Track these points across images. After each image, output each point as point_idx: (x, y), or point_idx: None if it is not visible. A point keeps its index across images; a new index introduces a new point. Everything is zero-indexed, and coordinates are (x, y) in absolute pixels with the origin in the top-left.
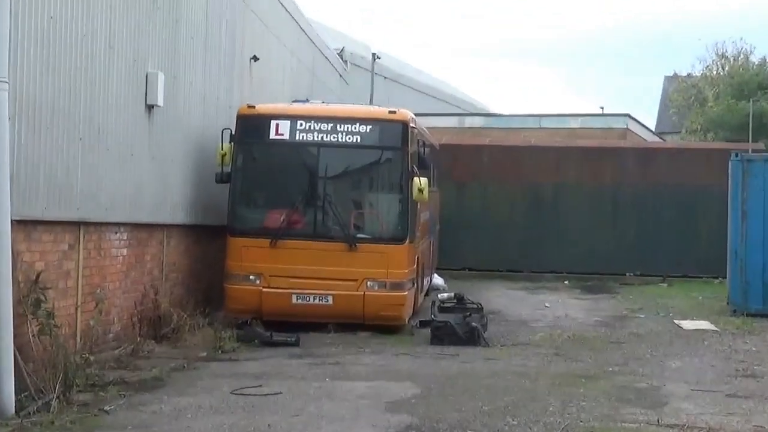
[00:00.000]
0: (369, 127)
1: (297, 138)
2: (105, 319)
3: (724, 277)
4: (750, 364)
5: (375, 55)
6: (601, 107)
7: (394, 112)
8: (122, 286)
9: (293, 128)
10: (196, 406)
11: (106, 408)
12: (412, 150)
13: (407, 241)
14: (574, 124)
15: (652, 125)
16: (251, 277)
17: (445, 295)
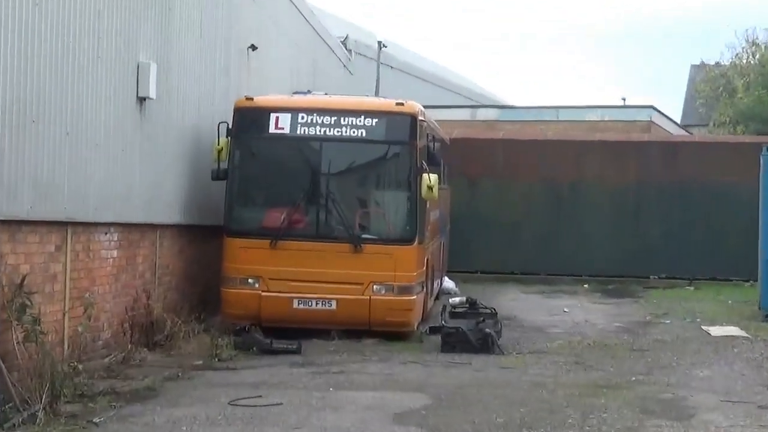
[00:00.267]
0: (375, 120)
1: (298, 132)
2: (94, 326)
3: (756, 279)
4: None
5: (381, 44)
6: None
7: (401, 104)
8: (112, 290)
9: (294, 122)
10: (192, 417)
11: (96, 420)
12: (420, 144)
13: (416, 242)
14: (594, 116)
15: (678, 117)
16: (250, 280)
17: (456, 300)
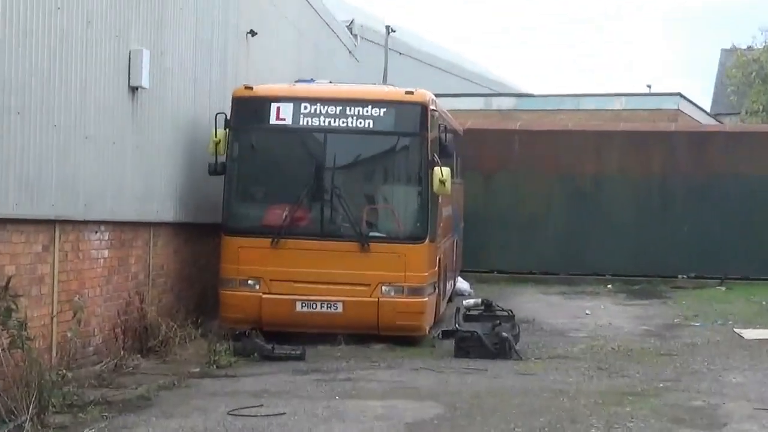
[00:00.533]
0: (383, 110)
1: (301, 123)
2: (84, 331)
3: None
4: None
5: (389, 28)
6: (648, 85)
7: (411, 92)
8: (103, 293)
9: (296, 112)
10: (188, 428)
11: (86, 431)
12: (432, 136)
13: (427, 240)
14: (617, 105)
15: (707, 106)
16: (250, 281)
17: (471, 302)
